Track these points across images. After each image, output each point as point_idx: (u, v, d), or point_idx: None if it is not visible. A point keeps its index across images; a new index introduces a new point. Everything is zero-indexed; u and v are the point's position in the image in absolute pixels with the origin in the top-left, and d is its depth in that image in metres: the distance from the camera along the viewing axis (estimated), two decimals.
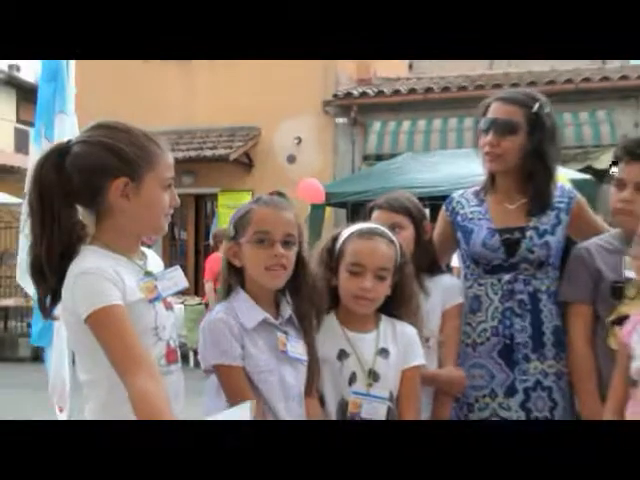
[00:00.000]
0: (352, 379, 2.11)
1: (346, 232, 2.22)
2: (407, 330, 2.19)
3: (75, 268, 1.72)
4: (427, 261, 2.46)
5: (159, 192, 1.81)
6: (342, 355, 2.13)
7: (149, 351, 1.74)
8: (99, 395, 1.76)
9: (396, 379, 2.14)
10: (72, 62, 3.71)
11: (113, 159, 1.75)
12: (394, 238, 2.22)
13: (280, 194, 2.10)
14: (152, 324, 1.79)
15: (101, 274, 1.69)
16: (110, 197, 1.76)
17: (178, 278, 1.92)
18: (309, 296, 2.09)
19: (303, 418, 2.01)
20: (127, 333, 1.65)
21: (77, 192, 1.77)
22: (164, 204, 1.83)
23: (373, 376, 2.11)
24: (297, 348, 2.04)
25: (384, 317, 2.21)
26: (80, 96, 3.77)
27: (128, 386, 1.60)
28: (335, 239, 2.22)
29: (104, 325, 1.66)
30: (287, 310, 2.06)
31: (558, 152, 2.53)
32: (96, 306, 1.65)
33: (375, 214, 2.48)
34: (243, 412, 1.67)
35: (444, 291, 2.45)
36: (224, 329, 1.95)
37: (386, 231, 2.22)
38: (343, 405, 2.10)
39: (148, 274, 1.84)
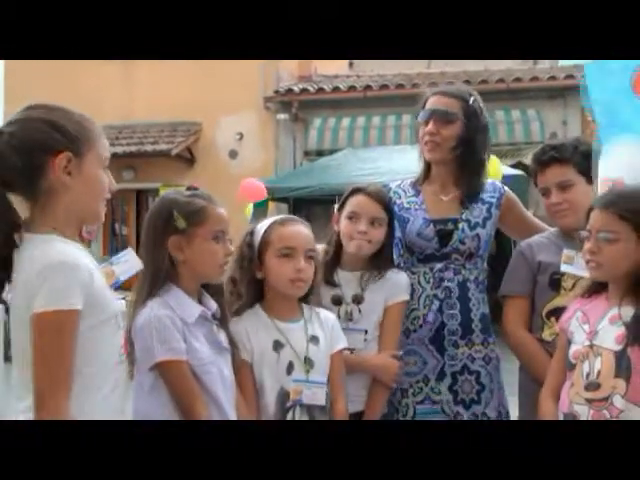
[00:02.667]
0: (290, 368, 2.16)
1: (264, 225, 2.25)
2: (330, 316, 2.29)
3: (45, 258, 1.59)
4: (381, 259, 2.47)
5: (99, 171, 1.74)
6: (277, 346, 2.17)
7: (110, 341, 1.69)
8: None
9: (327, 364, 2.21)
10: None
11: (55, 134, 1.66)
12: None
13: (195, 189, 2.07)
14: (115, 312, 1.71)
15: (75, 273, 1.58)
16: (52, 175, 1.65)
17: (133, 261, 1.88)
18: (222, 289, 2.14)
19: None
20: (67, 348, 1.55)
21: (11, 176, 1.64)
22: (104, 184, 1.76)
23: (309, 363, 2.17)
24: (225, 339, 2.07)
25: (304, 305, 2.26)
26: (12, 87, 3.34)
27: (38, 404, 1.52)
28: (252, 233, 2.25)
29: (52, 329, 1.54)
30: (213, 303, 2.07)
31: (488, 144, 2.64)
32: (55, 306, 1.54)
33: (360, 198, 2.44)
34: None
35: (389, 287, 2.44)
36: (170, 325, 1.92)
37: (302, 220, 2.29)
38: (283, 394, 2.14)
39: (101, 260, 1.80)
